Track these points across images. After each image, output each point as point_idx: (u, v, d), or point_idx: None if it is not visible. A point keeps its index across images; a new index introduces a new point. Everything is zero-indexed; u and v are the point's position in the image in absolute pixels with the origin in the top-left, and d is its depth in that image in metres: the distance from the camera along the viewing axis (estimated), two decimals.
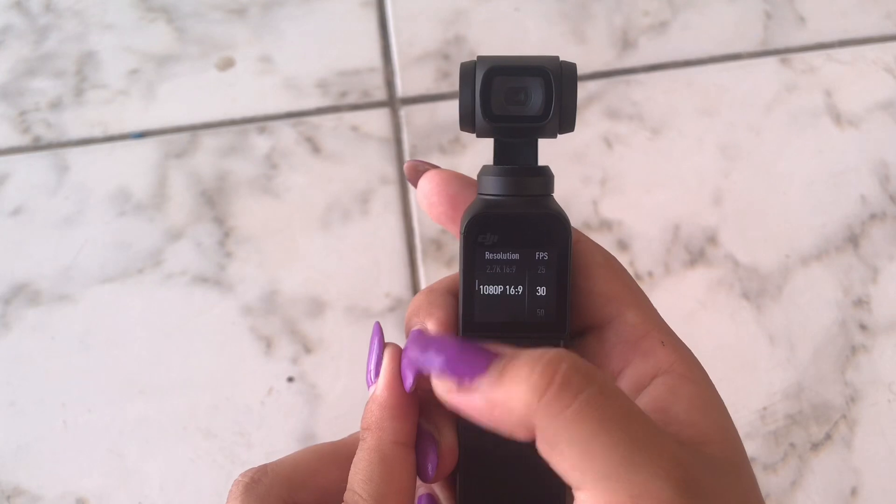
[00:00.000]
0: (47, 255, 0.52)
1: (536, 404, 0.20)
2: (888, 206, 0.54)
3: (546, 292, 0.24)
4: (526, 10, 0.60)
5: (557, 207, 0.25)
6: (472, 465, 0.25)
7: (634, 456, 0.20)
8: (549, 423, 0.20)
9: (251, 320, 0.50)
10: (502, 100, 0.24)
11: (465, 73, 0.24)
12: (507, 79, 0.24)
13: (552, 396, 0.20)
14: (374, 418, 0.24)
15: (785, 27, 0.60)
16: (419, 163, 0.27)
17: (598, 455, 0.20)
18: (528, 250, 0.24)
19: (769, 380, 0.48)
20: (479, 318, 0.24)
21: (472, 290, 0.24)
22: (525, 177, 0.25)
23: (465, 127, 0.25)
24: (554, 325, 0.24)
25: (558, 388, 0.20)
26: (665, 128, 0.56)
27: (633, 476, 0.20)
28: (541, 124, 0.24)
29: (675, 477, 0.20)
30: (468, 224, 0.24)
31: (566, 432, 0.20)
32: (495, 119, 0.24)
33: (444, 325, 0.24)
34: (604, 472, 0.20)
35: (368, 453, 0.23)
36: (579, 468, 0.20)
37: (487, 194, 0.25)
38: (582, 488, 0.20)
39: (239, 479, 0.24)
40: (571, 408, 0.20)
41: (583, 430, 0.20)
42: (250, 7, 0.61)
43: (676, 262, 0.52)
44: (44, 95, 0.58)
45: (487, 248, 0.24)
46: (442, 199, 0.26)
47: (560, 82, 0.24)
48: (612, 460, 0.20)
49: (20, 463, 0.47)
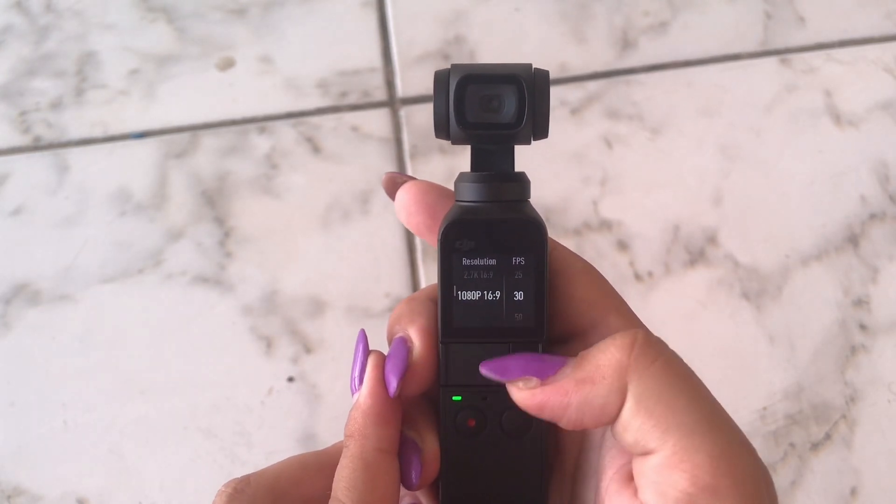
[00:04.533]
0: (47, 255, 0.52)
1: (627, 360, 0.22)
2: (888, 206, 0.54)
3: (524, 297, 0.24)
4: (526, 10, 0.60)
5: (534, 213, 0.25)
6: (453, 472, 0.25)
7: (714, 417, 0.21)
8: (640, 377, 0.21)
9: (251, 320, 0.50)
10: (476, 107, 0.24)
11: (439, 81, 0.25)
12: (480, 86, 0.24)
13: (639, 352, 0.22)
14: (357, 426, 0.24)
15: (785, 27, 0.60)
16: (396, 175, 0.27)
17: (682, 411, 0.21)
18: (505, 256, 0.24)
19: (769, 380, 0.48)
20: (457, 324, 0.25)
21: (450, 296, 0.25)
22: (501, 182, 0.25)
23: (439, 134, 0.25)
24: (532, 329, 0.25)
25: (642, 344, 0.22)
26: (665, 128, 0.56)
27: (715, 435, 0.21)
28: (514, 131, 0.24)
29: (750, 445, 0.22)
30: (445, 230, 0.24)
31: (656, 387, 0.21)
32: (469, 126, 0.24)
33: (427, 332, 0.25)
34: (688, 428, 0.21)
35: (352, 461, 0.24)
36: (663, 425, 0.21)
37: (464, 201, 0.25)
38: (662, 448, 0.21)
39: (222, 489, 0.24)
40: (657, 363, 0.22)
41: (671, 386, 0.21)
42: (250, 7, 0.61)
43: (676, 262, 0.52)
44: (44, 95, 0.58)
45: (464, 253, 0.24)
46: (420, 209, 0.26)
47: (533, 89, 0.24)
48: (695, 417, 0.21)
49: (20, 463, 0.47)
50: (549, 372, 0.23)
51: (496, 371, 0.24)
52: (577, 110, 0.56)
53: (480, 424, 0.25)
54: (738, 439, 0.22)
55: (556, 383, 0.22)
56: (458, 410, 0.25)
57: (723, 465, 0.20)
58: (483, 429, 0.25)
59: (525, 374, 0.23)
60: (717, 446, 0.21)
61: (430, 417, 0.26)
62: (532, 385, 0.23)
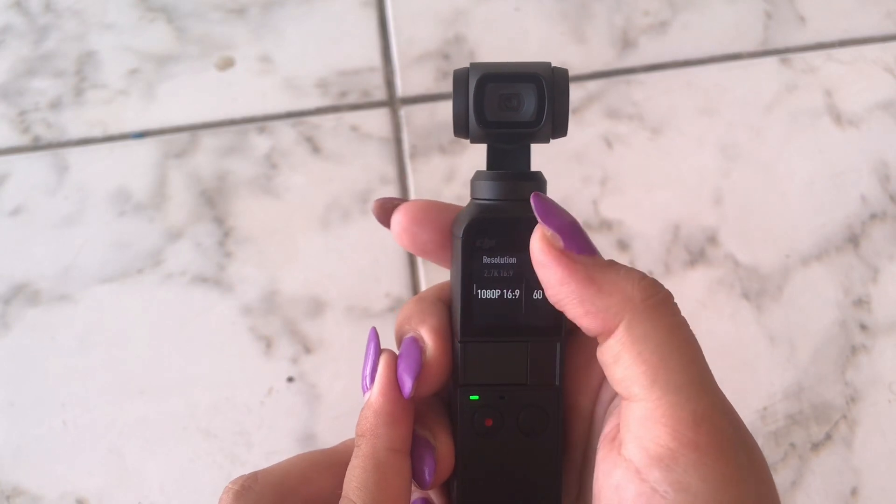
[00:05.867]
0: (47, 254, 0.52)
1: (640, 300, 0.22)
2: (888, 206, 0.53)
3: (542, 295, 0.24)
4: (526, 10, 0.60)
5: None
6: (469, 471, 0.25)
7: (704, 381, 0.21)
8: (644, 318, 0.21)
9: (251, 320, 0.50)
10: (495, 106, 0.24)
11: (458, 80, 0.25)
12: (499, 85, 0.24)
13: (657, 301, 0.22)
14: (368, 425, 0.24)
15: (785, 27, 0.60)
16: (386, 200, 0.26)
17: (674, 368, 0.21)
18: (525, 254, 0.24)
19: (769, 380, 0.48)
20: (477, 322, 0.25)
21: (469, 295, 0.24)
22: (521, 181, 0.25)
23: (458, 133, 0.25)
24: (551, 328, 0.25)
25: (661, 299, 0.22)
26: (665, 128, 0.56)
27: (701, 397, 0.21)
28: (534, 130, 0.24)
29: (735, 413, 0.22)
30: (466, 227, 0.24)
31: (657, 336, 0.21)
32: (489, 125, 0.24)
33: (438, 333, 0.25)
34: (675, 385, 0.21)
35: (363, 460, 0.23)
36: (651, 374, 0.21)
37: (482, 199, 0.25)
38: (647, 397, 0.21)
39: (229, 486, 0.24)
40: (668, 318, 0.22)
41: (671, 342, 0.21)
42: (250, 7, 0.61)
43: (676, 262, 0.52)
44: (44, 95, 0.58)
45: (485, 251, 0.24)
46: (425, 227, 0.25)
47: (552, 88, 0.24)
48: (685, 377, 0.21)
49: (20, 463, 0.47)
50: (576, 248, 0.23)
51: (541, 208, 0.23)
52: (577, 110, 0.56)
53: (498, 424, 0.25)
54: (723, 407, 0.22)
55: (573, 263, 0.22)
56: (476, 410, 0.25)
57: (705, 424, 0.21)
58: (500, 428, 0.25)
59: (559, 231, 0.23)
60: (701, 405, 0.21)
61: (442, 416, 0.25)
62: (556, 242, 0.23)
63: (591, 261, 0.22)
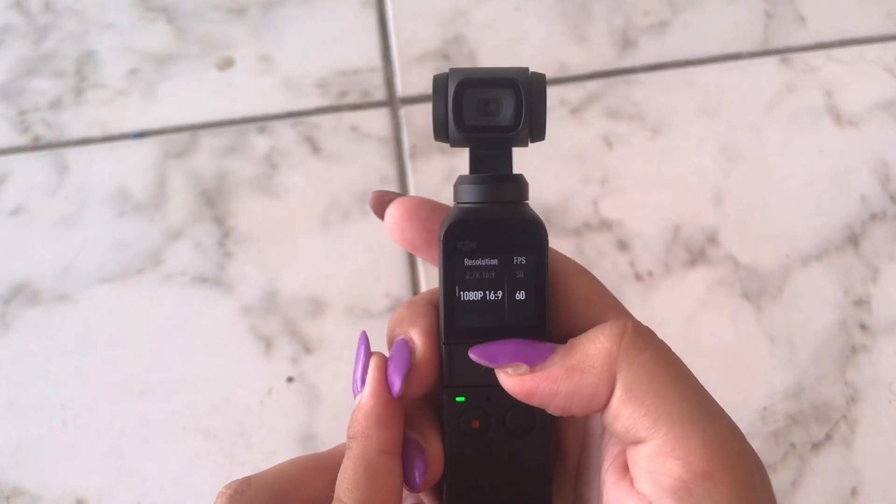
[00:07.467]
0: (47, 255, 0.52)
1: (618, 349, 0.22)
2: (888, 206, 0.53)
3: (525, 296, 0.25)
4: (526, 10, 0.60)
5: (533, 213, 0.25)
6: (457, 473, 0.25)
7: (704, 405, 0.22)
8: (630, 365, 0.22)
9: (251, 320, 0.50)
10: (474, 111, 0.25)
11: (437, 85, 0.25)
12: (478, 90, 0.25)
13: (629, 342, 0.22)
14: (359, 427, 0.24)
15: (785, 27, 0.60)
16: (383, 193, 0.27)
17: (672, 400, 0.21)
18: (507, 255, 0.24)
19: (769, 380, 0.48)
20: (459, 324, 0.25)
21: (452, 297, 0.25)
22: (501, 184, 0.25)
23: (438, 137, 0.26)
24: (534, 328, 0.25)
25: (632, 334, 0.22)
26: (665, 128, 0.56)
27: (705, 423, 0.21)
28: (512, 134, 0.25)
29: (739, 430, 0.22)
30: (447, 230, 0.25)
31: (646, 376, 0.21)
32: (467, 129, 0.25)
33: (428, 334, 0.25)
34: (678, 416, 0.21)
35: (355, 462, 0.24)
36: (653, 413, 0.21)
37: (464, 202, 0.25)
38: (653, 436, 0.21)
39: (223, 490, 0.24)
40: (648, 351, 0.22)
41: (660, 376, 0.22)
42: (250, 7, 0.61)
43: (676, 262, 0.52)
44: (43, 95, 0.58)
45: (466, 254, 0.25)
46: (413, 224, 0.26)
47: (530, 93, 0.25)
48: (685, 406, 0.21)
49: (20, 463, 0.47)
50: (538, 359, 0.23)
51: (485, 356, 0.24)
52: (577, 110, 0.56)
53: (485, 425, 0.25)
54: (728, 425, 0.22)
55: (546, 370, 0.23)
56: (462, 411, 0.25)
57: (715, 450, 0.21)
58: (487, 429, 0.25)
59: (514, 361, 0.23)
60: (707, 432, 0.21)
61: (432, 418, 0.26)
62: (521, 371, 0.23)
63: (558, 356, 0.23)
